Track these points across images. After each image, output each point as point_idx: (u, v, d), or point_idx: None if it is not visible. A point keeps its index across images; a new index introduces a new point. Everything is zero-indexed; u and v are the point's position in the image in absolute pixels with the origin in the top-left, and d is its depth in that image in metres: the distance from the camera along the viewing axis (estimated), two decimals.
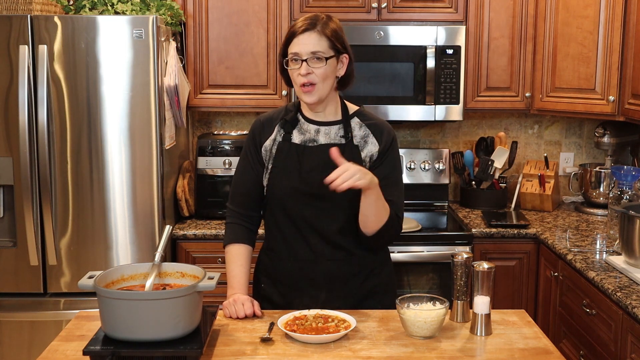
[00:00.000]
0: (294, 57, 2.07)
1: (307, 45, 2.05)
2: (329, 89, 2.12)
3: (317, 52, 2.05)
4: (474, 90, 3.49)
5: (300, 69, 2.06)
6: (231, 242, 2.21)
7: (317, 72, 2.06)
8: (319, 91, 2.09)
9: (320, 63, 2.06)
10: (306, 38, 2.05)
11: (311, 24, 2.07)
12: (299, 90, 2.10)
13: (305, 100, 2.11)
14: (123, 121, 3.00)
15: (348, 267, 2.18)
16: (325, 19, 2.09)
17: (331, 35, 2.07)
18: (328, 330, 1.90)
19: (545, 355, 1.83)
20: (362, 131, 2.17)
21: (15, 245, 3.04)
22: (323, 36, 2.06)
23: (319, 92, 2.09)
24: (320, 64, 2.06)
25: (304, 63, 2.05)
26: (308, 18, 2.09)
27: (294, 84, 2.12)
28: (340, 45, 2.10)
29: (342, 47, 2.10)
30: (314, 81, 2.07)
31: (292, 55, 2.07)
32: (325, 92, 2.11)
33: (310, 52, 2.05)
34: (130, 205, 3.04)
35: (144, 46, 2.95)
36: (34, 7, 2.98)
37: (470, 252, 2.34)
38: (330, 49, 2.07)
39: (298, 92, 2.11)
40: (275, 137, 2.18)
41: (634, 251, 2.52)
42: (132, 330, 1.72)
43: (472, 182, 3.68)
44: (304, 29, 2.06)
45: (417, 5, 3.43)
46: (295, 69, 2.07)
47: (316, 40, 2.06)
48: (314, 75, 2.06)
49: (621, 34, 3.09)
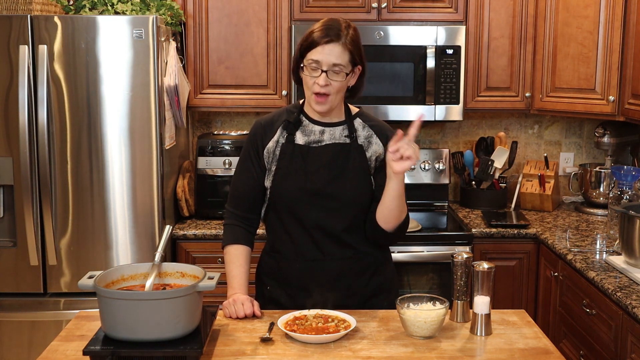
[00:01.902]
0: (313, 65, 2.05)
1: (330, 56, 2.03)
2: (340, 100, 2.14)
3: (338, 64, 2.04)
4: (474, 90, 3.49)
5: (319, 79, 2.04)
6: (230, 243, 2.21)
7: (334, 85, 2.06)
8: (331, 102, 2.09)
9: (339, 77, 2.06)
10: (330, 49, 2.03)
11: (336, 35, 2.03)
12: (310, 97, 2.10)
13: (317, 109, 2.11)
14: (123, 121, 3.00)
15: (356, 265, 2.19)
16: (348, 30, 2.07)
17: (353, 49, 2.06)
18: (328, 330, 1.90)
19: (545, 355, 1.83)
20: (366, 132, 2.18)
21: (15, 245, 3.04)
22: (346, 50, 2.05)
23: (331, 103, 2.10)
24: (338, 78, 2.06)
25: (324, 74, 2.04)
26: (332, 27, 2.05)
27: (306, 88, 2.11)
28: (359, 58, 2.09)
29: (359, 59, 2.10)
30: (329, 92, 2.07)
31: (311, 62, 2.05)
32: (337, 103, 2.12)
33: (332, 64, 2.04)
34: (130, 205, 3.04)
35: (144, 46, 2.95)
36: (34, 7, 2.98)
37: (470, 252, 2.34)
38: (350, 63, 2.07)
39: (309, 97, 2.11)
40: (278, 139, 2.18)
41: (634, 251, 2.52)
42: (132, 330, 1.72)
43: (472, 182, 3.68)
44: (329, 40, 2.03)
45: (417, 5, 3.43)
46: (313, 77, 2.06)
47: (339, 52, 2.04)
48: (330, 87, 2.06)
49: (621, 34, 3.09)
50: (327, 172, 2.11)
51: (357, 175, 2.13)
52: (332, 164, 2.10)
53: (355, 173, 2.13)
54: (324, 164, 2.12)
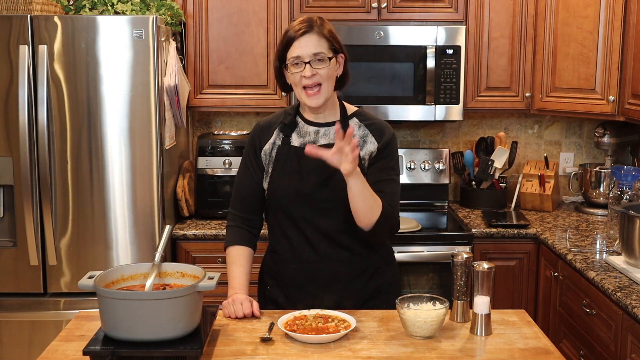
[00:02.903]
0: (295, 61, 2.06)
1: (308, 47, 2.05)
2: (332, 89, 2.13)
3: (319, 52, 2.06)
4: (474, 90, 3.49)
5: (305, 72, 2.05)
6: (232, 244, 2.22)
7: (321, 73, 2.07)
8: (325, 92, 2.09)
9: (324, 64, 2.07)
10: (306, 40, 2.05)
11: (309, 26, 2.07)
12: (301, 94, 2.10)
13: (311, 105, 2.10)
14: (123, 121, 3.00)
15: (352, 267, 2.19)
16: (320, 21, 2.10)
17: (329, 36, 2.09)
18: (328, 330, 1.90)
19: (545, 355, 1.83)
20: (361, 131, 2.18)
21: (15, 245, 3.04)
22: (322, 37, 2.07)
23: (325, 94, 2.10)
24: (323, 65, 2.07)
25: (307, 65, 2.05)
26: (303, 21, 2.09)
27: (295, 87, 2.11)
28: (337, 45, 2.11)
29: (339, 46, 2.11)
30: (319, 81, 2.07)
31: (293, 59, 2.06)
32: (330, 93, 2.12)
33: (312, 54, 2.05)
34: (130, 205, 3.04)
35: (144, 46, 2.95)
36: (34, 7, 2.98)
37: (470, 252, 2.34)
38: (330, 50, 2.08)
39: (301, 96, 2.11)
40: (274, 140, 2.19)
41: (634, 251, 2.52)
42: (132, 330, 1.72)
43: (472, 182, 3.68)
44: (302, 32, 2.06)
45: (417, 5, 3.43)
46: (298, 72, 2.07)
47: (316, 41, 2.06)
48: (318, 76, 2.06)
49: (621, 34, 3.09)
50: (321, 173, 2.11)
51: None
52: (326, 165, 2.09)
53: None
54: (318, 165, 2.11)
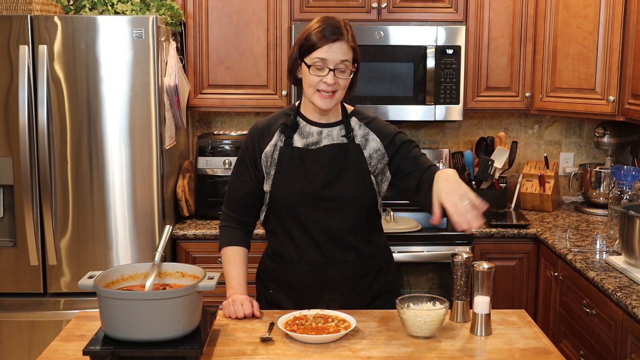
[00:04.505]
0: (320, 64, 2.05)
1: (338, 54, 2.04)
2: (343, 96, 2.14)
3: (345, 60, 2.05)
4: (474, 90, 3.49)
5: (327, 78, 2.04)
6: (227, 245, 2.21)
7: (340, 83, 2.07)
8: (337, 99, 2.10)
9: (345, 75, 2.07)
10: (338, 47, 2.04)
11: (341, 33, 2.05)
12: (314, 95, 2.08)
13: (323, 107, 2.10)
14: (123, 121, 3.00)
15: (359, 268, 2.18)
16: (347, 28, 2.08)
17: (355, 47, 2.09)
18: (328, 330, 1.90)
19: (545, 355, 1.83)
20: (362, 130, 2.18)
21: (15, 245, 3.04)
22: (350, 48, 2.07)
23: (337, 100, 2.11)
24: (345, 75, 2.07)
25: (331, 73, 2.04)
26: (333, 25, 2.06)
27: (308, 87, 2.09)
28: (359, 56, 2.12)
29: (359, 57, 2.12)
30: (336, 89, 2.07)
31: (317, 60, 2.04)
32: (340, 100, 2.14)
33: (339, 62, 2.04)
34: (130, 205, 3.04)
35: (144, 46, 2.95)
36: (34, 7, 2.98)
37: (470, 252, 2.34)
38: (353, 61, 2.09)
39: (313, 97, 2.09)
40: (276, 142, 2.17)
41: (634, 251, 2.52)
42: (132, 330, 1.72)
43: (472, 182, 3.68)
44: (336, 38, 2.04)
45: (417, 5, 3.43)
46: (319, 76, 2.06)
47: (346, 50, 2.05)
48: (337, 85, 2.07)
49: (621, 34, 3.09)
50: (326, 173, 2.11)
51: (356, 176, 2.13)
52: (331, 166, 2.10)
53: (355, 173, 2.13)
54: (322, 165, 2.12)
